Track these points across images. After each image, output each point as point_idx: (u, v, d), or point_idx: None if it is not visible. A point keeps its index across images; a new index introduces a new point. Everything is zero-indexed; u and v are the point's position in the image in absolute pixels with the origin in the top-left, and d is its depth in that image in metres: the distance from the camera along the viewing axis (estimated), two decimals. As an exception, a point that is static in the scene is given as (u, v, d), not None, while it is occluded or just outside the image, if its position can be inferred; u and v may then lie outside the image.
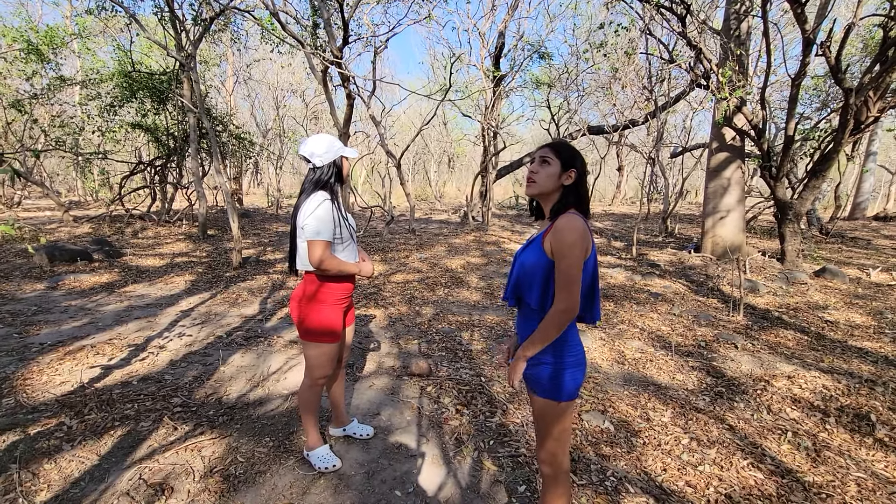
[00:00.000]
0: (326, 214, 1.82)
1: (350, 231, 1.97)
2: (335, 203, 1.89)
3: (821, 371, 3.20)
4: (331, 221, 1.84)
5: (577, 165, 1.40)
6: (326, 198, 1.86)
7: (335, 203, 1.89)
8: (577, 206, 1.38)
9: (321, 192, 1.87)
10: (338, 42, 6.47)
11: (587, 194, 1.41)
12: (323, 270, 1.86)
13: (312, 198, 1.85)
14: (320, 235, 1.81)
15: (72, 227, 9.14)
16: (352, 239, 1.99)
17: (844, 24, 5.47)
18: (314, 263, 1.82)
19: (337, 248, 1.92)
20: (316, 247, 1.81)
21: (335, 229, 1.87)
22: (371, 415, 2.59)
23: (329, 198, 1.87)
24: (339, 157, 1.94)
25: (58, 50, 9.05)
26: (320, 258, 1.81)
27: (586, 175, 1.43)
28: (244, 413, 2.53)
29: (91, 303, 4.52)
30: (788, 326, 4.28)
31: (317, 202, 1.83)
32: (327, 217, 1.82)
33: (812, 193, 6.66)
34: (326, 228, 1.82)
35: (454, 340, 3.84)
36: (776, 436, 2.46)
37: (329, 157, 1.90)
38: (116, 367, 3.05)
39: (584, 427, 2.49)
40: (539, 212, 1.52)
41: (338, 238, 1.90)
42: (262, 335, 3.80)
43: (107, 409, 2.47)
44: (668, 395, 2.91)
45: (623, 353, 3.64)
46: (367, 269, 2.03)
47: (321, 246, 1.81)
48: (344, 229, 1.92)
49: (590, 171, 8.66)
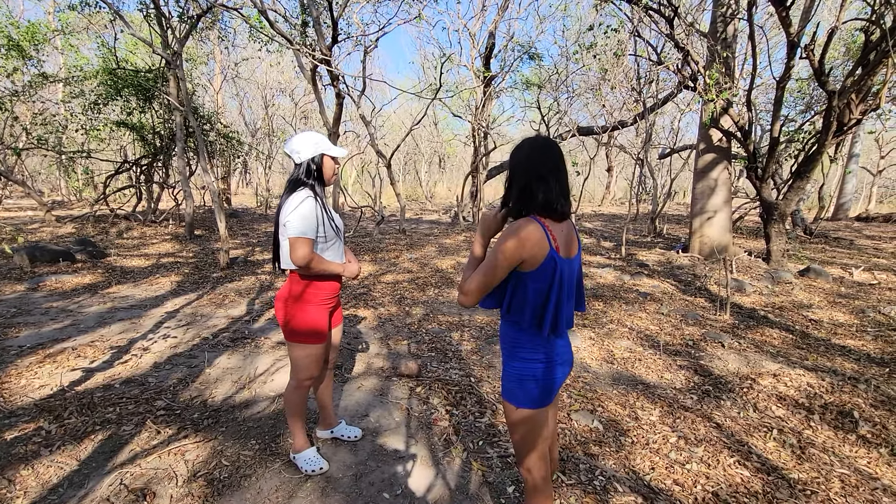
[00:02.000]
0: (309, 212, 1.79)
1: (335, 230, 1.94)
2: (318, 201, 1.87)
3: (805, 369, 3.24)
4: (314, 219, 1.81)
5: (512, 165, 1.35)
6: (309, 195, 1.82)
7: (318, 201, 1.87)
8: (540, 210, 1.30)
9: (304, 190, 1.84)
10: (327, 41, 6.42)
11: (536, 194, 1.29)
12: (306, 270, 1.83)
13: (294, 195, 1.81)
14: (303, 233, 1.77)
15: (54, 226, 8.95)
16: (337, 238, 1.96)
17: (827, 28, 5.57)
18: (296, 262, 1.79)
19: (321, 247, 1.89)
20: (298, 245, 1.77)
21: (319, 227, 1.84)
22: (359, 416, 2.56)
23: (312, 195, 1.84)
24: (318, 155, 1.89)
25: (40, 46, 8.86)
26: (303, 257, 1.78)
27: (538, 173, 1.30)
28: (230, 416, 2.49)
29: (73, 304, 4.42)
30: (774, 325, 4.34)
31: (299, 199, 1.79)
32: (310, 215, 1.79)
33: (797, 194, 6.77)
34: (309, 226, 1.79)
35: (444, 341, 3.83)
36: (762, 433, 2.49)
37: (308, 154, 1.87)
38: (98, 369, 2.98)
39: (574, 427, 2.49)
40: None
41: (321, 237, 1.87)
42: (248, 336, 3.74)
43: (87, 413, 2.41)
44: (656, 394, 2.93)
45: (612, 352, 3.65)
46: (353, 269, 2.00)
47: (304, 244, 1.78)
48: (328, 228, 1.88)
49: (580, 172, 8.76)
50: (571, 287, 1.39)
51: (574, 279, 1.41)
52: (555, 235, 1.30)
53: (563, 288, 1.32)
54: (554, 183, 1.30)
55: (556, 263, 1.28)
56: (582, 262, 1.66)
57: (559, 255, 1.30)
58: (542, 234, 1.26)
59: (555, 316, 1.32)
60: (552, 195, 1.29)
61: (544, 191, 1.29)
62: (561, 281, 1.30)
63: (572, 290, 1.41)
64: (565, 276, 1.32)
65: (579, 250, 1.44)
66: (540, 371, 1.34)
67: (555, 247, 1.29)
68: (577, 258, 1.42)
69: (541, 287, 1.29)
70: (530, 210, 1.31)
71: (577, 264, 1.43)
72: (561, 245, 1.32)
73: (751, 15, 6.24)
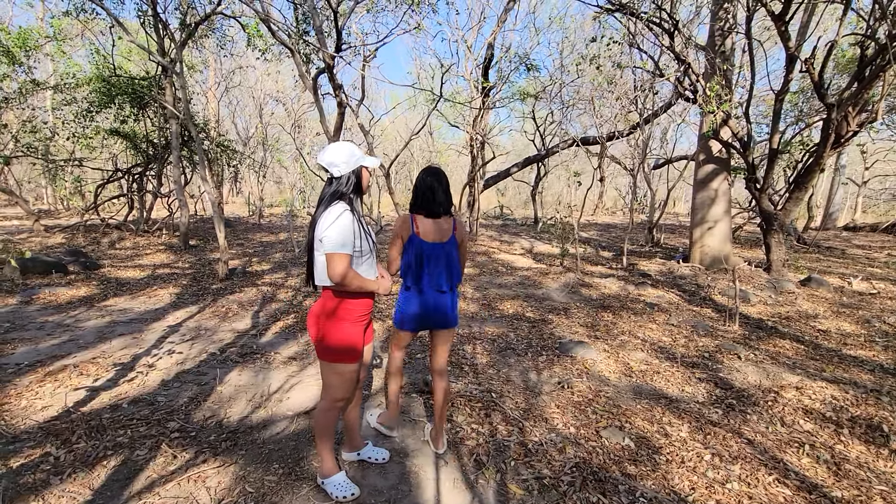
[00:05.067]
0: (347, 226, 1.72)
1: (370, 244, 1.87)
2: (355, 214, 1.80)
3: (826, 381, 3.23)
4: (352, 234, 1.74)
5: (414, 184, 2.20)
6: (346, 209, 1.76)
7: (355, 214, 1.80)
8: (417, 210, 2.13)
9: (340, 203, 1.78)
10: (330, 49, 6.37)
11: (417, 201, 2.12)
12: (343, 286, 1.76)
13: (332, 209, 1.75)
14: (342, 248, 1.70)
15: (43, 236, 8.69)
16: (371, 253, 1.89)
17: (826, 43, 5.69)
18: (334, 278, 1.72)
19: (356, 263, 1.82)
20: (337, 260, 1.70)
21: (356, 242, 1.77)
22: (384, 436, 2.46)
23: (349, 209, 1.77)
24: (358, 167, 1.85)
25: (30, 52, 8.67)
26: (342, 273, 1.71)
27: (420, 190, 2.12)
28: (248, 437, 2.37)
29: (70, 318, 4.25)
30: (784, 336, 4.34)
31: (336, 213, 1.73)
32: (348, 229, 1.73)
33: (796, 205, 6.86)
34: (347, 241, 1.72)
35: (458, 354, 3.75)
36: (795, 449, 2.45)
37: (349, 167, 1.81)
38: (103, 388, 2.84)
39: (605, 444, 2.43)
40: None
41: (357, 251, 1.80)
42: (257, 351, 3.62)
43: (97, 436, 2.28)
44: (680, 409, 2.88)
45: (629, 364, 3.61)
46: (386, 285, 1.93)
47: (342, 260, 1.71)
48: (364, 242, 1.82)
49: (581, 182, 8.79)
50: (438, 262, 2.11)
51: (442, 258, 2.11)
52: (419, 225, 2.09)
53: (423, 260, 2.08)
54: (428, 195, 2.09)
55: (417, 243, 2.08)
56: (461, 248, 2.25)
57: (420, 238, 2.08)
58: (409, 223, 2.10)
59: (417, 277, 2.10)
60: (423, 202, 2.10)
61: (421, 200, 2.11)
62: (420, 255, 2.08)
63: (440, 264, 2.11)
64: (425, 253, 2.08)
65: (452, 239, 2.15)
66: (406, 308, 2.17)
67: (416, 232, 2.08)
68: (447, 244, 2.13)
69: (408, 258, 2.11)
70: (413, 210, 2.14)
71: (447, 249, 2.13)
72: (428, 232, 2.09)
73: (749, 29, 6.36)
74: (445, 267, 2.12)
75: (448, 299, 2.16)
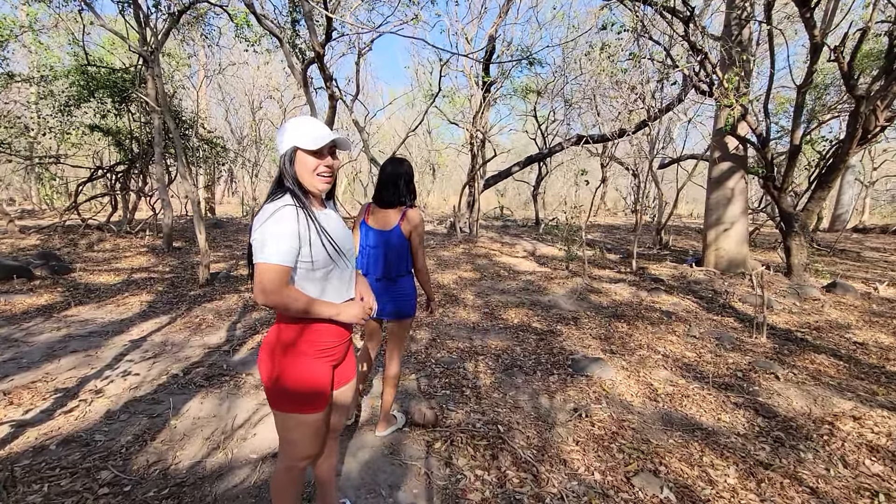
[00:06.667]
0: (287, 227, 1.25)
1: (334, 252, 1.36)
2: (304, 210, 1.31)
3: (885, 409, 2.78)
4: (295, 237, 1.26)
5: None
6: (288, 203, 1.29)
7: (304, 210, 1.31)
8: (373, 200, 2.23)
9: (284, 196, 1.31)
10: (320, 37, 5.91)
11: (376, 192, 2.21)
12: (279, 309, 1.29)
13: (269, 204, 1.29)
14: (274, 257, 1.23)
15: (17, 238, 8.20)
16: (339, 265, 1.39)
17: (856, 31, 5.27)
18: (258, 298, 1.24)
19: (307, 277, 1.33)
20: (264, 273, 1.23)
21: (303, 249, 1.29)
22: (368, 488, 2.00)
23: (293, 203, 1.29)
24: (290, 149, 1.32)
25: (5, 43, 8.18)
26: (270, 291, 1.23)
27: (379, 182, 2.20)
28: (196, 492, 1.90)
29: (20, 331, 3.77)
30: (818, 350, 3.90)
31: (272, 209, 1.26)
32: (288, 231, 1.24)
33: (818, 204, 6.44)
34: (286, 247, 1.24)
35: (458, 374, 3.29)
36: (867, 500, 2.01)
37: (283, 147, 1.33)
38: (32, 423, 2.37)
39: (639, 497, 1.98)
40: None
41: (306, 262, 1.31)
42: (227, 372, 3.16)
43: (2, 495, 1.82)
44: (720, 444, 2.43)
45: (652, 386, 3.16)
46: (352, 313, 1.40)
47: (273, 272, 1.23)
48: (318, 250, 1.32)
49: (588, 181, 8.36)
50: (378, 247, 2.15)
51: (382, 244, 2.14)
52: (369, 212, 2.20)
53: (364, 247, 2.19)
54: (380, 188, 2.16)
55: (364, 230, 2.19)
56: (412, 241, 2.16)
57: (367, 224, 2.18)
58: (363, 210, 2.23)
59: (361, 264, 2.20)
60: (375, 191, 2.19)
61: (376, 190, 2.18)
62: (364, 242, 2.19)
63: (377, 253, 2.15)
64: (370, 237, 2.16)
65: (397, 228, 2.12)
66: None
67: (365, 218, 2.20)
68: (391, 232, 2.12)
69: (360, 240, 2.21)
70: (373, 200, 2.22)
71: (388, 237, 2.13)
72: (375, 220, 2.17)
73: (769, 17, 5.93)
74: (383, 256, 2.15)
75: (380, 288, 2.17)
